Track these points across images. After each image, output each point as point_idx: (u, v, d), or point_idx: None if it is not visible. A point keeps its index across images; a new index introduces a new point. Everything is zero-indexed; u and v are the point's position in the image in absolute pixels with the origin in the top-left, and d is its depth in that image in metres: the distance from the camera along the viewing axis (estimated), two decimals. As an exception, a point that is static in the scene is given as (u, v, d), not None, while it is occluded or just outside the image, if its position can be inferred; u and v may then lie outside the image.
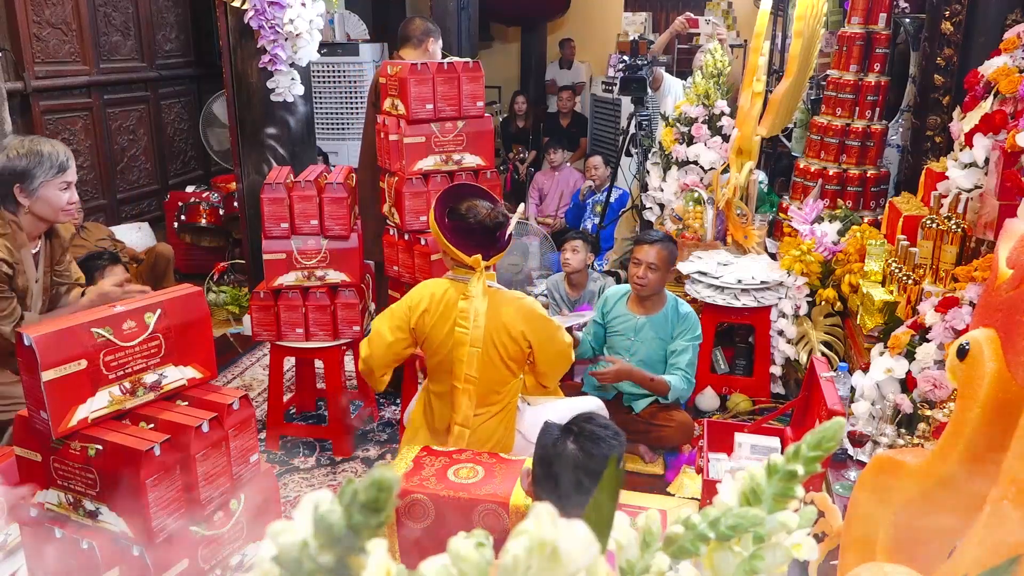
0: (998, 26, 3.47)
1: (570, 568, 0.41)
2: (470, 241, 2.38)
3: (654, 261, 3.01)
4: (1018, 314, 1.14)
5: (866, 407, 2.53)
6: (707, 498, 2.62)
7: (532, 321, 2.39)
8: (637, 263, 3.05)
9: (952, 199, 2.88)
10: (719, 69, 4.33)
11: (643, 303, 3.12)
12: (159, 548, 1.68)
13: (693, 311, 3.17)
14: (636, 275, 3.05)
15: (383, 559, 0.42)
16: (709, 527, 0.53)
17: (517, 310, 2.38)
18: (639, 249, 3.07)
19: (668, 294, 3.18)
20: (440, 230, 2.39)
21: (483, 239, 2.39)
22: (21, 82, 4.42)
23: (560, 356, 2.47)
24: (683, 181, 4.21)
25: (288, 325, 3.05)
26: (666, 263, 3.05)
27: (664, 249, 3.04)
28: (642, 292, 3.07)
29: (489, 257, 2.39)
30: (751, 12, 7.01)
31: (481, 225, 2.39)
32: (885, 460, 1.35)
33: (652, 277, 3.02)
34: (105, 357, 1.70)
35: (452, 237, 2.39)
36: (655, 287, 3.06)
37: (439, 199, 2.44)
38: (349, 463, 3.15)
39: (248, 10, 3.66)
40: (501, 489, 2.08)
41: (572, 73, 8.55)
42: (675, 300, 3.16)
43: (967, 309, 2.37)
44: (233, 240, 5.20)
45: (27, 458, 1.76)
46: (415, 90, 2.89)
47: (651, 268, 3.02)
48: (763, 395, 3.57)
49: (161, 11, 5.82)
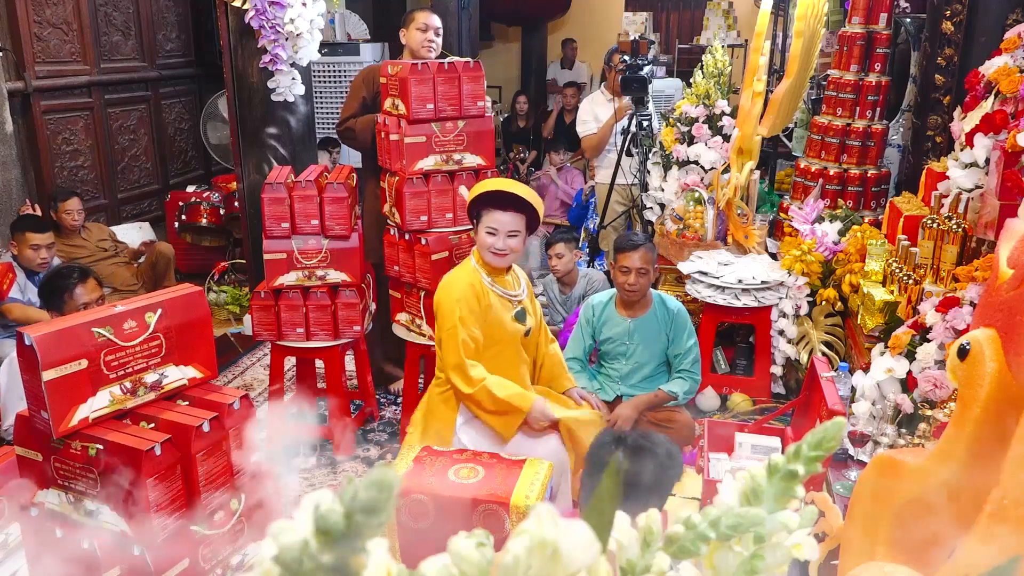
0: (999, 26, 3.48)
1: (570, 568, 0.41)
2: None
3: (642, 265, 3.01)
4: (1019, 314, 1.14)
5: (867, 407, 2.53)
6: (707, 498, 2.62)
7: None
8: (626, 271, 3.02)
9: (953, 199, 2.88)
10: (719, 69, 4.33)
11: (632, 306, 3.12)
12: (159, 548, 1.68)
13: (682, 305, 3.17)
14: (627, 283, 3.02)
15: (383, 559, 0.42)
16: (710, 527, 0.53)
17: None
18: (625, 257, 3.03)
19: (652, 292, 3.18)
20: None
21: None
22: (22, 82, 4.42)
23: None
24: (683, 181, 4.21)
25: (289, 325, 3.05)
26: (652, 264, 3.06)
27: (648, 251, 3.05)
28: (634, 298, 3.07)
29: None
30: (751, 12, 7.01)
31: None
32: (886, 460, 1.35)
33: (643, 282, 3.02)
34: (106, 357, 1.70)
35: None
36: (645, 290, 3.07)
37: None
38: (349, 463, 3.15)
39: (249, 10, 3.66)
40: (501, 489, 2.08)
41: (573, 73, 8.56)
42: (660, 296, 3.16)
43: (968, 309, 2.37)
44: (234, 240, 5.20)
45: (27, 458, 1.76)
46: (416, 90, 2.89)
47: (640, 273, 3.01)
48: (763, 395, 3.57)
49: (162, 11, 5.82)
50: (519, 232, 2.49)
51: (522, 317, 2.58)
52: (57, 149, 4.83)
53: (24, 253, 3.58)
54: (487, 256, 2.51)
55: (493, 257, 2.50)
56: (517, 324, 2.56)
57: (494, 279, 2.53)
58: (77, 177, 5.01)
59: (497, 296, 2.53)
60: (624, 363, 3.13)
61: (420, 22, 3.37)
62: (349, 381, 3.52)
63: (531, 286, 2.73)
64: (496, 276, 2.54)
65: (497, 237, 2.47)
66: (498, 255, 2.49)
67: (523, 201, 2.46)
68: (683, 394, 3.04)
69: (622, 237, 3.21)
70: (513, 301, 2.57)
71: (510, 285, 2.58)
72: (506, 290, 2.55)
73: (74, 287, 2.73)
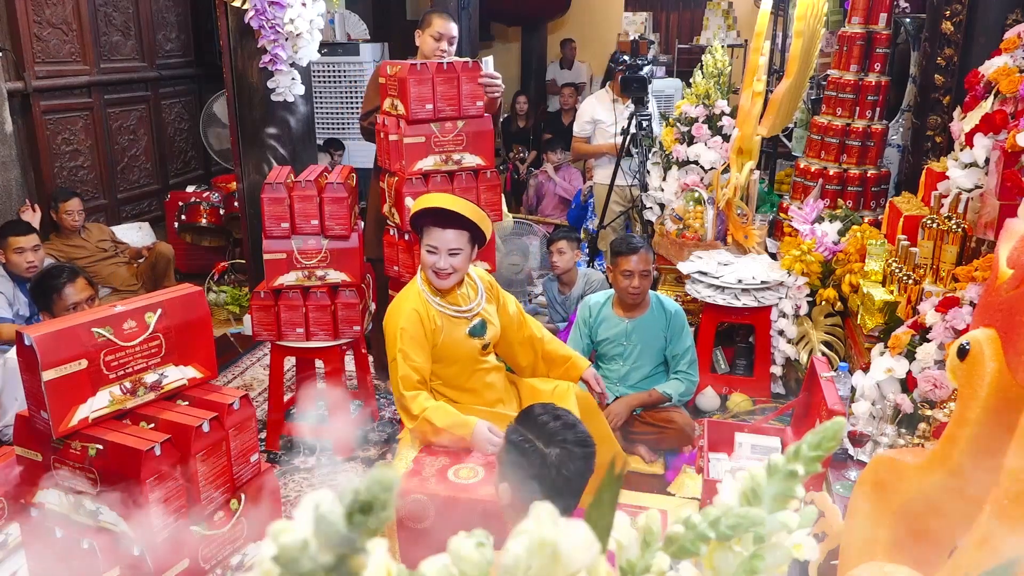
0: (998, 26, 3.47)
1: (570, 568, 0.41)
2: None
3: (644, 268, 3.02)
4: (1018, 314, 1.14)
5: (866, 407, 2.53)
6: (707, 498, 2.62)
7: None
8: (628, 274, 3.01)
9: (952, 199, 2.88)
10: (719, 69, 4.33)
11: (631, 307, 3.12)
12: (159, 548, 1.68)
13: (679, 306, 3.18)
14: (631, 287, 3.02)
15: (383, 559, 0.42)
16: (709, 527, 0.53)
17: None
18: (625, 260, 3.02)
19: (649, 293, 3.18)
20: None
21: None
22: (21, 82, 4.42)
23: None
24: (683, 181, 4.21)
25: (288, 325, 3.05)
26: (650, 265, 3.08)
27: (647, 252, 3.08)
28: (637, 300, 3.08)
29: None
30: (751, 12, 7.02)
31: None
32: (885, 460, 1.35)
33: (646, 284, 3.04)
34: (106, 357, 1.70)
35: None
36: (647, 291, 3.08)
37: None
38: (349, 463, 3.15)
39: (248, 10, 3.66)
40: (501, 489, 2.08)
41: (572, 73, 8.56)
42: (657, 298, 3.17)
43: (967, 309, 2.37)
44: (233, 240, 5.20)
45: (27, 458, 1.76)
46: (415, 90, 2.89)
47: (643, 275, 3.02)
48: (763, 395, 3.57)
49: (161, 11, 5.82)
50: (461, 250, 2.33)
51: (478, 331, 2.43)
52: (57, 149, 4.83)
53: (10, 259, 3.45)
54: (430, 275, 2.37)
55: (435, 278, 2.35)
56: (473, 340, 2.42)
57: (441, 298, 2.39)
58: (77, 177, 5.01)
59: (447, 317, 2.39)
60: (622, 364, 3.13)
61: (435, 29, 3.34)
62: (349, 381, 3.52)
63: (495, 287, 2.59)
64: (444, 294, 2.40)
65: (438, 256, 2.31)
66: (440, 275, 2.33)
67: (466, 218, 2.31)
68: (678, 396, 3.05)
69: (619, 240, 3.21)
70: (467, 316, 2.42)
71: (461, 300, 2.43)
72: (456, 306, 2.40)
73: (63, 287, 2.74)
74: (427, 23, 3.39)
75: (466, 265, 2.39)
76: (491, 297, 2.55)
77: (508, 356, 2.64)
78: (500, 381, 2.56)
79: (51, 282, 2.77)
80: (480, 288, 2.51)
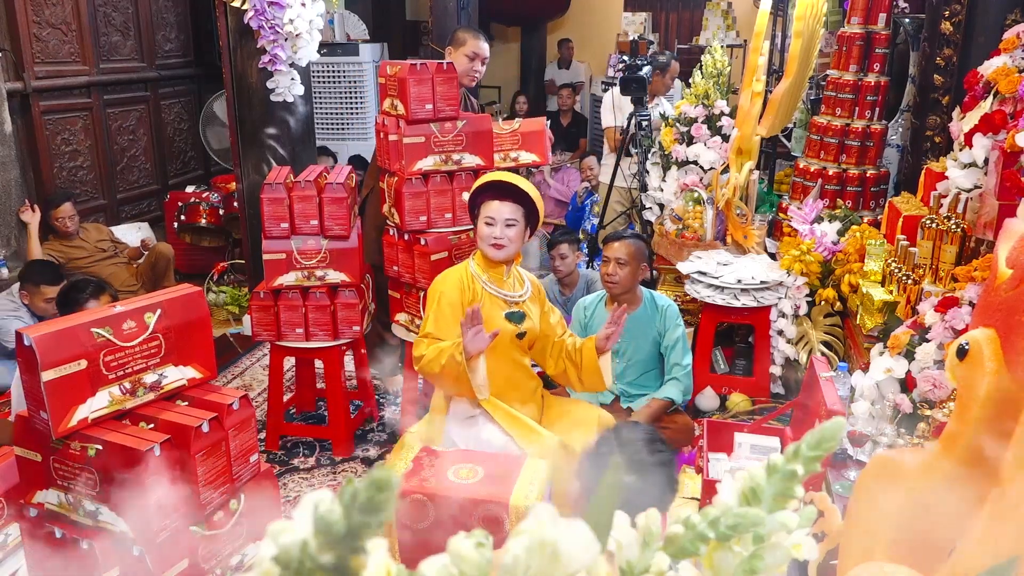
0: (998, 26, 3.47)
1: (570, 568, 0.41)
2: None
3: (622, 256, 3.02)
4: (1018, 314, 1.14)
5: (866, 407, 2.53)
6: (707, 498, 2.62)
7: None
8: (606, 261, 3.07)
9: (952, 199, 2.88)
10: (718, 69, 4.33)
11: (620, 303, 3.12)
12: (159, 548, 1.68)
13: (672, 302, 3.18)
14: (606, 272, 3.06)
15: (383, 559, 0.42)
16: (709, 527, 0.53)
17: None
18: (607, 247, 3.08)
19: (642, 290, 3.18)
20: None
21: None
22: (21, 82, 4.42)
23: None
24: (683, 181, 4.21)
25: (288, 325, 3.05)
26: (635, 258, 3.05)
27: (631, 244, 3.05)
28: (614, 290, 3.07)
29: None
30: (751, 12, 7.01)
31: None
32: (885, 460, 1.35)
33: (622, 273, 3.03)
34: (105, 357, 1.70)
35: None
36: (626, 283, 3.06)
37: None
38: (349, 463, 3.15)
39: (248, 10, 3.66)
40: (501, 489, 2.08)
41: (571, 73, 8.55)
42: (650, 295, 3.17)
43: (967, 309, 2.37)
44: (233, 240, 5.20)
45: (27, 458, 1.76)
46: (414, 90, 2.89)
47: (620, 263, 3.02)
48: (763, 395, 3.57)
49: (161, 11, 5.82)
50: (517, 222, 2.44)
51: (516, 318, 2.51)
52: (56, 149, 4.82)
53: (36, 304, 3.49)
54: (485, 248, 2.46)
55: (490, 249, 2.44)
56: (508, 324, 2.50)
57: (490, 277, 2.49)
58: (76, 177, 5.01)
59: (490, 295, 2.48)
60: (617, 362, 3.13)
61: (470, 49, 3.35)
62: (349, 381, 3.52)
63: (542, 293, 2.65)
64: (494, 274, 2.49)
65: (494, 226, 2.42)
66: (495, 245, 2.43)
67: (522, 193, 2.43)
68: (681, 397, 3.06)
69: (611, 232, 3.24)
70: (508, 301, 2.51)
71: (509, 286, 2.52)
72: (502, 290, 2.49)
73: (86, 301, 2.80)
74: (460, 41, 3.38)
75: (519, 241, 2.49)
76: (536, 298, 2.61)
77: (540, 359, 2.68)
78: (530, 387, 2.60)
79: (76, 295, 2.83)
80: (528, 285, 2.60)
